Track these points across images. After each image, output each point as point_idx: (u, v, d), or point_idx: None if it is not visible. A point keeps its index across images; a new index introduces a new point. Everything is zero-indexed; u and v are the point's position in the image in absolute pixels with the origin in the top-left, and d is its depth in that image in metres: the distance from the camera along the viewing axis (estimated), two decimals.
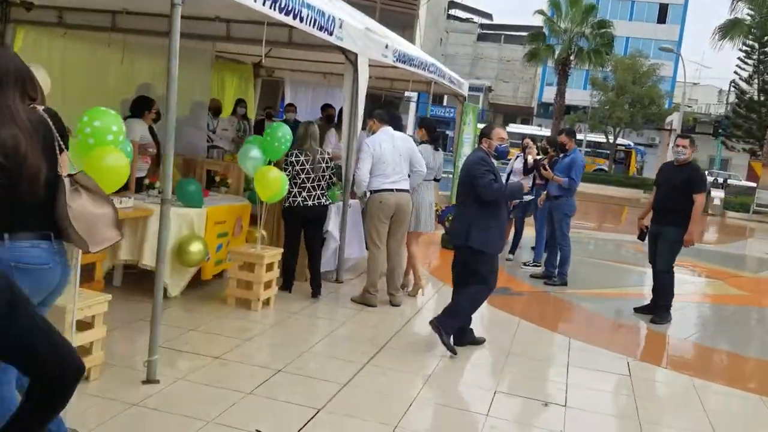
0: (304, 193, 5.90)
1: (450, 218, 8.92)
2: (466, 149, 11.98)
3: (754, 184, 25.94)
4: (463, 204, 5.14)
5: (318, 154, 5.92)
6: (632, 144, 39.19)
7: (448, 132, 28.42)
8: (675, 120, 28.47)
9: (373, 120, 6.20)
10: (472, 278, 5.03)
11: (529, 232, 9.36)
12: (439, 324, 4.86)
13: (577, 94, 39.36)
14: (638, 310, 6.76)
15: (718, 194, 22.21)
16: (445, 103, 52.82)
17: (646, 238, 6.68)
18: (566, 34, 31.61)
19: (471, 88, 38.64)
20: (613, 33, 31.36)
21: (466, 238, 4.95)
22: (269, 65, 11.65)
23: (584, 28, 31.53)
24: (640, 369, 5.15)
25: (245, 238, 6.21)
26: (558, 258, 7.91)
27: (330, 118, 10.68)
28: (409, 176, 6.21)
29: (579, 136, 36.51)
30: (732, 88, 31.01)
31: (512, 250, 9.11)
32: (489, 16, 67.37)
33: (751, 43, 28.24)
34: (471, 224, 4.93)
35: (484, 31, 63.79)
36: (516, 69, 57.30)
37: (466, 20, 66.71)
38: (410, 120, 37.45)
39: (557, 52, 31.82)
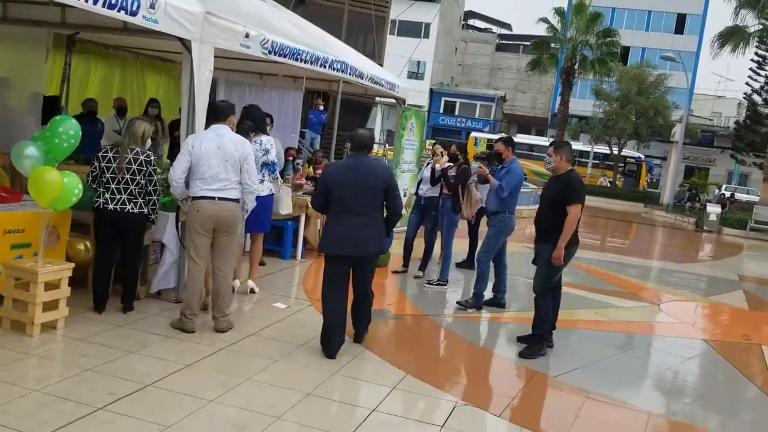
0: (107, 195, 5.17)
1: None
2: (408, 155, 11.21)
3: None
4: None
5: (132, 154, 5.17)
6: (643, 157, 37.83)
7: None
8: (678, 132, 27.20)
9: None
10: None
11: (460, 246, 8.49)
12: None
13: (585, 105, 38.22)
14: (521, 339, 5.87)
15: (714, 209, 20.98)
16: (457, 112, 52.23)
17: None
18: (570, 43, 30.64)
19: (483, 98, 37.88)
20: (619, 42, 30.32)
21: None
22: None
23: (589, 37, 30.53)
24: (462, 415, 4.28)
25: (65, 250, 5.48)
26: (497, 280, 7.23)
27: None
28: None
29: (585, 147, 35.43)
30: (745, 100, 29.63)
31: (422, 267, 8.28)
32: (508, 26, 66.43)
33: (762, 52, 26.94)
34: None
35: (503, 42, 62.88)
36: (534, 79, 56.30)
37: (485, 30, 65.94)
38: (377, 129, 36.44)
39: (561, 61, 30.87)
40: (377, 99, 16.00)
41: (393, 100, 11.37)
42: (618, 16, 45.43)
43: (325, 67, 7.78)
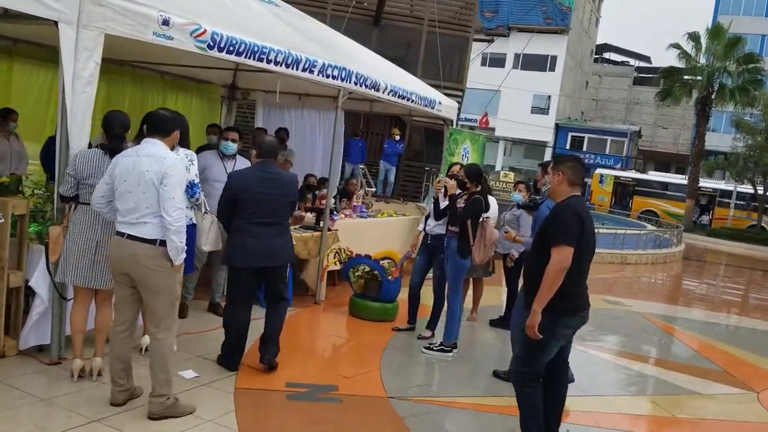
0: None
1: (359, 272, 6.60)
2: None
3: None
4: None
5: None
6: None
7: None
8: None
9: None
10: None
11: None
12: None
13: (724, 139, 34.01)
14: None
15: None
16: (585, 148, 48.81)
17: None
18: (706, 70, 27.27)
19: (614, 133, 35.17)
20: (763, 67, 26.55)
21: None
22: (244, 86, 10.10)
23: (728, 64, 27.01)
24: None
25: None
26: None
27: (280, 141, 8.86)
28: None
29: (728, 186, 31.27)
30: None
31: (430, 324, 6.46)
32: (647, 58, 62.23)
33: None
34: None
35: (641, 75, 58.99)
36: (677, 114, 51.96)
37: (621, 63, 62.37)
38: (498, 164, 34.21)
39: (695, 91, 27.53)
40: (456, 126, 14.32)
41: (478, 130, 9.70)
42: (752, 40, 40.56)
43: (313, 72, 6.33)
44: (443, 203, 6.04)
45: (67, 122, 4.33)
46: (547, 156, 41.21)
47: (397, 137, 14.21)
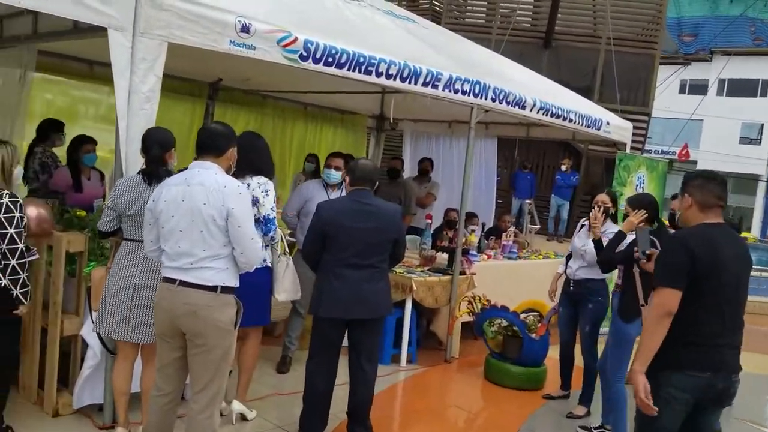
0: None
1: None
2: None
3: None
4: None
5: None
6: None
7: None
8: None
9: None
10: None
11: None
12: None
13: None
14: None
15: None
16: None
17: None
18: None
19: None
20: None
21: None
22: (391, 115, 9.45)
23: None
24: None
25: None
26: None
27: (424, 172, 8.05)
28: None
29: None
30: None
31: (583, 399, 5.04)
32: None
33: None
34: None
35: None
36: None
37: None
38: None
39: None
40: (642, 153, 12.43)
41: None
42: None
43: (437, 87, 5.35)
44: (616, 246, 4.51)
45: (124, 146, 3.72)
46: (761, 192, 36.44)
47: (564, 167, 12.71)
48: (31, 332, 4.03)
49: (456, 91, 5.50)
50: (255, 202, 3.91)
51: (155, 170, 3.46)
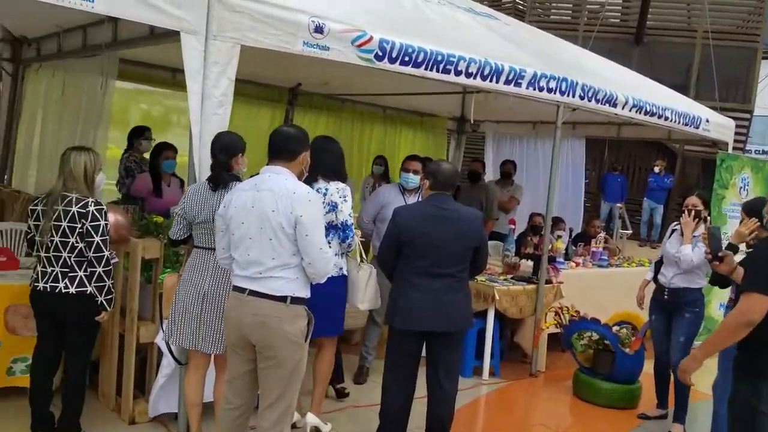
0: (39, 269, 3.47)
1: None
2: (732, 227, 7.27)
3: None
4: None
5: (62, 205, 3.40)
6: None
7: None
8: None
9: None
10: None
11: None
12: None
13: None
14: None
15: None
16: None
17: None
18: None
19: None
20: None
21: None
22: (473, 117, 9.21)
23: None
24: None
25: None
26: None
27: (506, 174, 7.76)
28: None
29: None
30: None
31: (678, 416, 4.61)
32: None
33: None
34: None
35: None
36: None
37: None
38: None
39: None
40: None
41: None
42: None
43: (520, 85, 5.08)
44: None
45: (197, 152, 3.66)
46: None
47: (657, 169, 12.05)
48: (110, 338, 4.04)
49: (541, 89, 5.21)
50: (333, 207, 3.78)
51: (219, 176, 3.38)
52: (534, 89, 5.15)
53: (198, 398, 3.51)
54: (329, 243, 3.66)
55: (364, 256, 4.09)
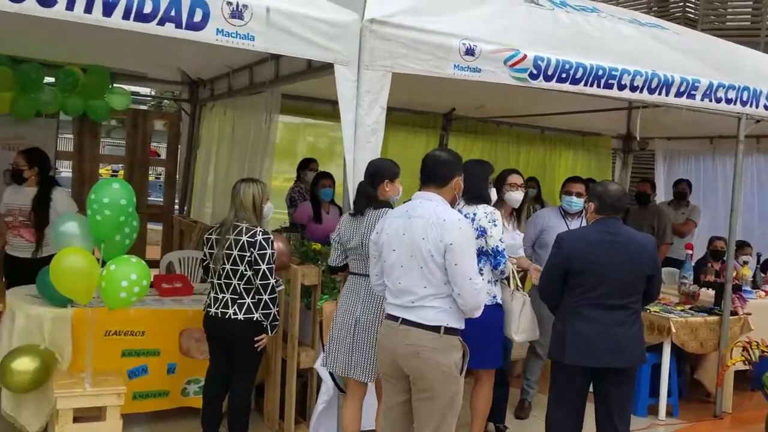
0: (212, 294, 3.65)
1: None
2: None
3: None
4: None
5: (233, 234, 3.56)
6: None
7: None
8: None
9: None
10: None
11: None
12: None
13: None
14: None
15: None
16: None
17: None
18: None
19: None
20: None
21: None
22: (640, 134, 8.69)
23: None
24: None
25: None
26: None
27: (681, 195, 7.25)
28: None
29: None
30: None
31: None
32: None
33: None
34: None
35: None
36: None
37: None
38: None
39: None
40: None
41: None
42: None
43: (694, 97, 4.67)
44: None
45: (351, 180, 3.71)
46: None
47: None
48: (274, 363, 4.17)
49: (718, 100, 4.75)
50: (482, 233, 3.64)
51: (357, 201, 3.40)
52: (710, 101, 4.71)
53: (355, 426, 3.49)
54: (480, 270, 3.53)
55: (519, 284, 3.89)
